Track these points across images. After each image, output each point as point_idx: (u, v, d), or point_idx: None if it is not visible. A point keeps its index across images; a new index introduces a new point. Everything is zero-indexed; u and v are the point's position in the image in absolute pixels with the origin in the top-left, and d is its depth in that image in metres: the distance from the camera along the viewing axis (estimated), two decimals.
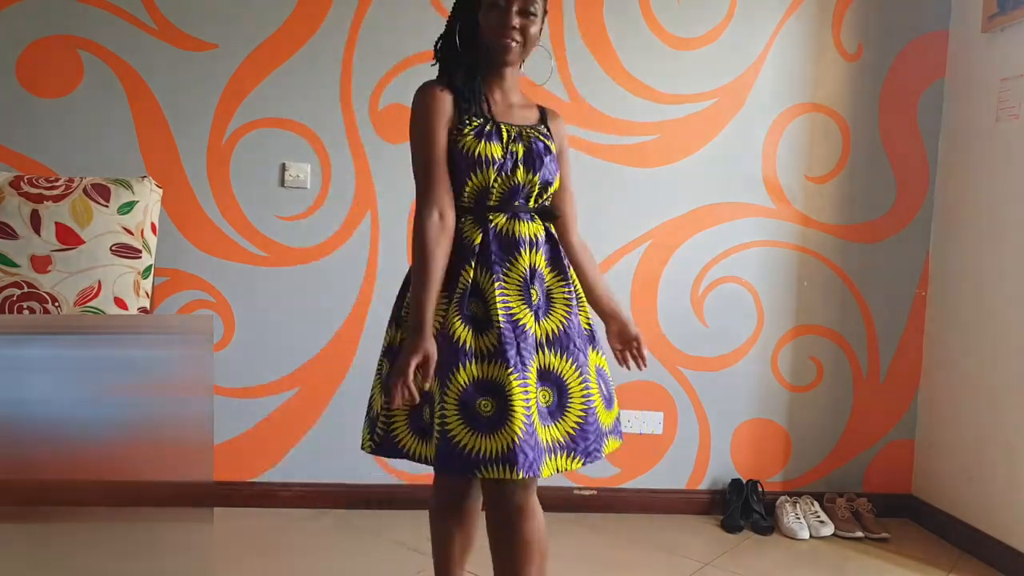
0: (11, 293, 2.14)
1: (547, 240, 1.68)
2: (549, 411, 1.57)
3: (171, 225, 2.64)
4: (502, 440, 1.47)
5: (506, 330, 1.54)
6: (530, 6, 1.60)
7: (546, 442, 1.53)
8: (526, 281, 1.60)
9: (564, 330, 1.62)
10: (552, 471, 1.54)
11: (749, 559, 2.54)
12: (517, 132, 1.65)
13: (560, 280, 1.67)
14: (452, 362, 1.53)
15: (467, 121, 1.61)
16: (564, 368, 1.60)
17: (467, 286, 1.58)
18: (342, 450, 2.77)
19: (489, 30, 1.62)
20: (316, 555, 2.41)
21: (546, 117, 1.75)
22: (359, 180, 2.72)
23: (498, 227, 1.62)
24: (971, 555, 2.63)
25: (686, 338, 2.88)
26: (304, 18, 2.66)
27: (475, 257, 1.60)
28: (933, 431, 2.90)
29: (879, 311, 2.94)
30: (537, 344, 1.58)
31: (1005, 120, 2.60)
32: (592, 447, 1.59)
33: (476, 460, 1.48)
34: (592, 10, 2.76)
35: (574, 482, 2.87)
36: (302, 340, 2.73)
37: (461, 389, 1.51)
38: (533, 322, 1.58)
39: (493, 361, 1.52)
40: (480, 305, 1.58)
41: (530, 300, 1.59)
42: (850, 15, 2.85)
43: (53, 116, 2.58)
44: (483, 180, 1.60)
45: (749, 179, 2.86)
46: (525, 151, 1.63)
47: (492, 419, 1.49)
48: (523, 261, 1.61)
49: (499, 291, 1.57)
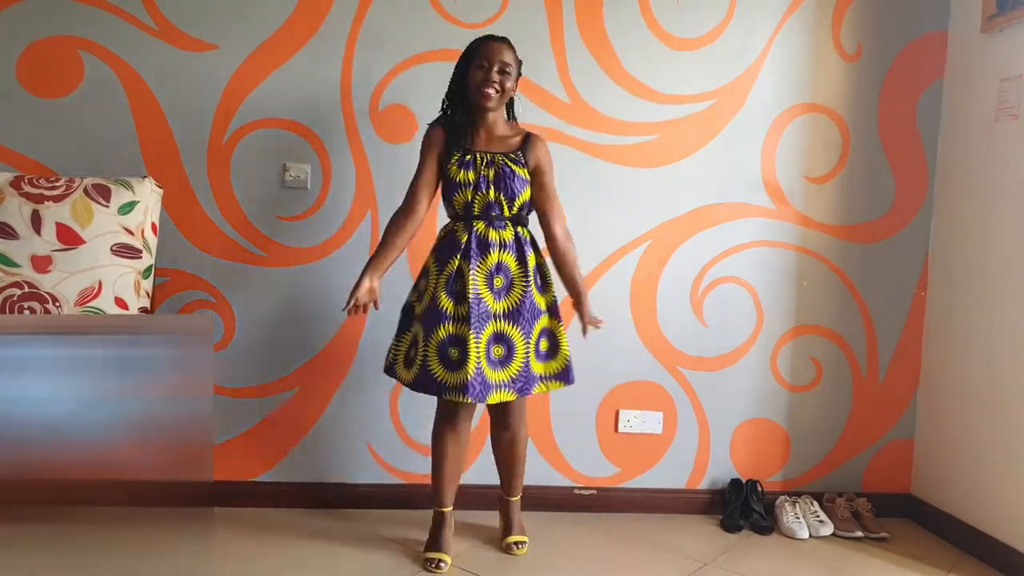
0: (12, 293, 2.14)
1: (515, 241, 2.34)
2: (500, 361, 2.29)
3: (171, 225, 2.64)
4: (460, 376, 2.21)
5: (473, 305, 2.24)
6: (507, 67, 2.29)
7: (496, 381, 2.26)
8: (491, 272, 2.29)
9: (517, 308, 2.31)
10: (496, 400, 2.27)
11: (748, 559, 2.54)
12: (491, 159, 2.30)
13: (522, 271, 2.33)
14: (436, 321, 2.26)
15: (453, 153, 2.31)
16: (514, 333, 2.31)
17: (453, 271, 2.28)
18: (342, 450, 2.78)
19: (474, 83, 2.28)
20: (316, 555, 2.41)
21: (527, 143, 2.36)
22: (359, 180, 2.72)
23: (478, 231, 2.30)
24: (970, 555, 2.63)
25: (686, 338, 2.88)
26: (304, 18, 2.66)
27: (461, 251, 2.29)
28: (932, 431, 2.90)
29: (878, 311, 2.95)
30: (496, 316, 2.28)
31: (1004, 120, 2.60)
32: (523, 386, 2.31)
33: (444, 387, 2.24)
34: (592, 10, 2.76)
35: (574, 482, 2.87)
36: (302, 340, 2.74)
37: (440, 340, 2.25)
38: (493, 301, 2.29)
39: (463, 324, 2.24)
40: (460, 285, 2.27)
41: (492, 285, 2.29)
42: (850, 15, 2.86)
43: (53, 116, 2.59)
44: (463, 197, 2.30)
45: (749, 179, 2.86)
46: (496, 174, 2.29)
47: (456, 362, 2.23)
48: (492, 258, 2.30)
49: (472, 277, 2.26)
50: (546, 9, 2.74)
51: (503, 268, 2.31)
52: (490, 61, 2.27)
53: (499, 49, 2.29)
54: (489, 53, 2.28)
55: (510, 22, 2.72)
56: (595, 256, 2.80)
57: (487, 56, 2.28)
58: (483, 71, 2.27)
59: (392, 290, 2.75)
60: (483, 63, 2.27)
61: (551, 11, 2.74)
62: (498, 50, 2.29)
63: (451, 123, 2.33)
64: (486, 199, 2.29)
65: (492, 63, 2.27)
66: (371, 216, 2.73)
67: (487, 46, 2.30)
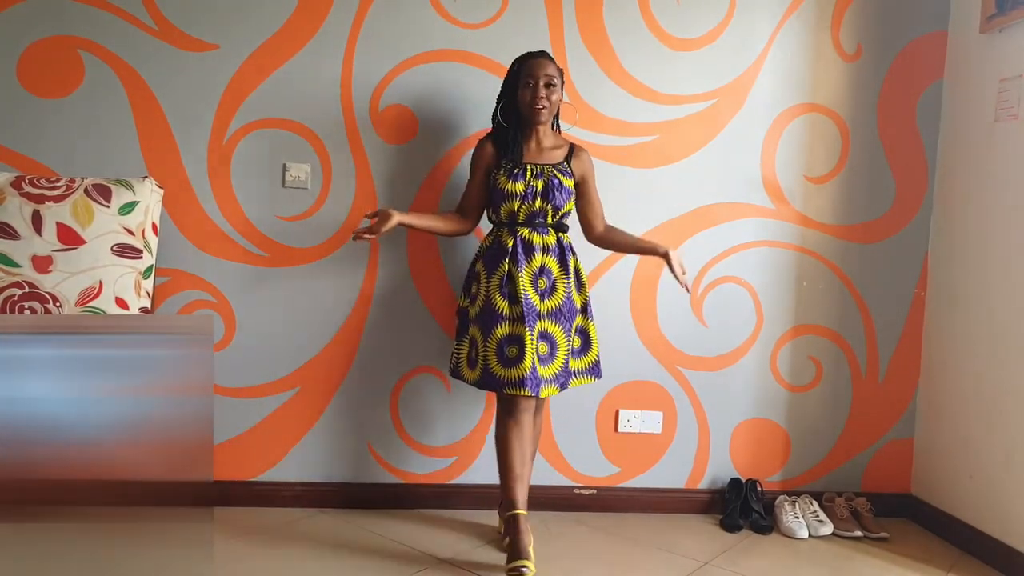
0: (12, 293, 2.14)
1: (557, 246, 2.47)
2: (543, 358, 2.39)
3: (172, 225, 2.65)
4: (519, 372, 2.33)
5: (526, 305, 2.37)
6: (552, 80, 2.41)
7: (543, 376, 2.36)
8: (536, 274, 2.42)
9: (559, 308, 2.43)
10: (546, 395, 2.37)
11: (748, 558, 2.54)
12: (539, 170, 2.43)
13: (563, 274, 2.46)
14: (493, 322, 2.38)
15: (503, 166, 2.44)
16: (556, 331, 2.42)
17: (504, 274, 2.41)
18: (342, 450, 2.78)
19: (524, 102, 2.41)
20: (316, 555, 2.41)
21: (571, 154, 2.50)
22: (359, 180, 2.73)
23: (523, 237, 2.44)
24: (970, 554, 2.63)
25: (685, 338, 2.88)
26: (304, 18, 2.66)
27: (508, 255, 2.42)
28: (932, 431, 2.90)
29: (878, 311, 2.95)
30: (541, 315, 2.40)
31: (1004, 120, 2.60)
32: (565, 381, 2.43)
33: (504, 382, 2.34)
34: (592, 11, 2.76)
35: (574, 481, 2.87)
36: (302, 340, 2.74)
37: (498, 339, 2.37)
38: (539, 301, 2.41)
39: (518, 323, 2.36)
40: (512, 287, 2.40)
41: (537, 286, 2.41)
42: (849, 16, 2.86)
43: (54, 116, 2.59)
44: (510, 207, 2.42)
45: (748, 179, 2.86)
46: (544, 185, 2.42)
47: (514, 359, 2.34)
48: (536, 261, 2.42)
49: (521, 280, 2.38)
50: (546, 9, 2.74)
51: (546, 271, 2.43)
52: (535, 78, 2.39)
53: (542, 64, 2.40)
54: (534, 71, 2.39)
55: (510, 22, 2.72)
56: (595, 256, 2.80)
57: (532, 74, 2.39)
58: (531, 89, 2.39)
59: (393, 287, 2.76)
60: (529, 81, 2.39)
61: (551, 11, 2.75)
62: (541, 65, 2.40)
63: (501, 138, 2.46)
64: (531, 208, 2.42)
65: (538, 79, 2.39)
66: None
67: (529, 64, 2.41)
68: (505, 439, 2.38)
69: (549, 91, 2.40)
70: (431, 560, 2.41)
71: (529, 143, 2.47)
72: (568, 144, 2.52)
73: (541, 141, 2.48)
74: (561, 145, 2.51)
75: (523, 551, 2.27)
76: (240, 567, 2.30)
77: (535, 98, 2.39)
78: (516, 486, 2.36)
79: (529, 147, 2.47)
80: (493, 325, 2.37)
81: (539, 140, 2.48)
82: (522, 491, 2.37)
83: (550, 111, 2.43)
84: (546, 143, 2.49)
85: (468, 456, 2.82)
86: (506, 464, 2.37)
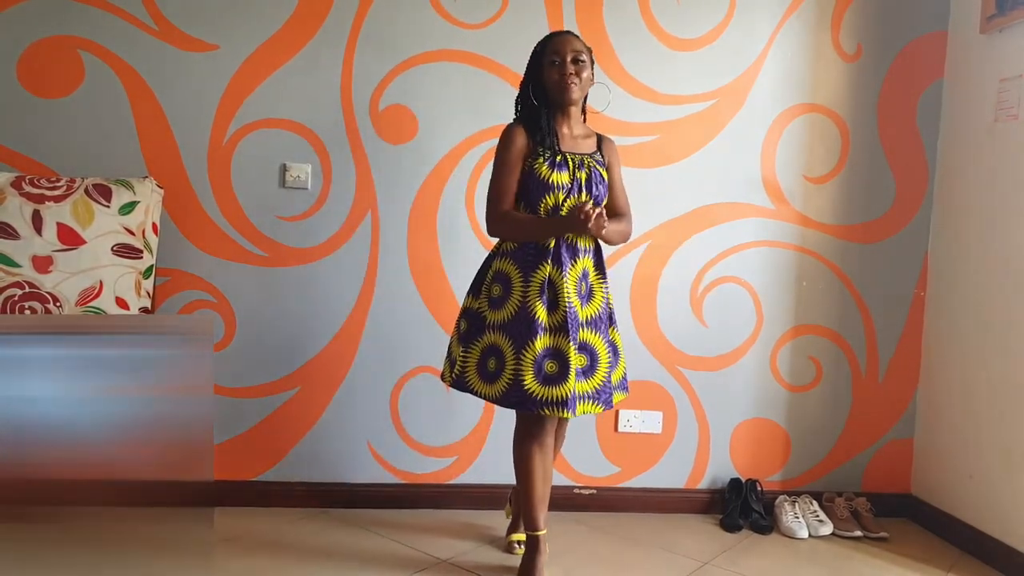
0: (13, 293, 2.14)
1: (595, 246, 2.25)
2: (583, 371, 2.15)
3: (172, 225, 2.65)
4: (561, 392, 2.09)
5: (570, 314, 2.12)
6: (580, 56, 2.18)
7: (581, 392, 2.13)
8: (580, 278, 2.19)
9: (599, 315, 2.23)
10: (583, 412, 2.14)
11: (748, 558, 2.54)
12: (580, 160, 2.20)
13: (600, 278, 2.26)
14: (530, 334, 2.11)
15: (540, 152, 2.17)
16: (596, 342, 2.20)
17: (545, 278, 2.14)
18: (342, 450, 2.78)
19: (552, 82, 2.18)
20: (316, 555, 2.41)
21: (601, 143, 2.30)
22: (359, 180, 2.73)
23: (567, 236, 2.16)
24: (970, 555, 2.63)
25: (685, 338, 2.88)
26: (304, 18, 2.66)
27: (550, 256, 2.14)
28: (932, 431, 2.90)
29: (878, 311, 2.95)
30: (581, 324, 2.16)
31: (1004, 120, 2.60)
32: (607, 398, 2.19)
33: (540, 402, 2.09)
34: (592, 10, 2.76)
35: (574, 481, 2.87)
36: (302, 340, 2.74)
37: (536, 354, 2.10)
38: (581, 308, 2.17)
39: (559, 334, 2.12)
40: (552, 292, 2.14)
41: (580, 292, 2.18)
42: (849, 16, 2.86)
43: (54, 116, 2.59)
44: (554, 200, 2.16)
45: (748, 180, 2.86)
46: (587, 177, 2.19)
47: (555, 376, 2.10)
48: (580, 264, 2.19)
49: (565, 285, 2.13)
50: (546, 9, 2.74)
51: (586, 274, 2.23)
52: (562, 55, 2.17)
53: (568, 40, 2.20)
54: (560, 47, 2.18)
55: (510, 22, 2.72)
56: None
57: (558, 51, 2.18)
58: (557, 67, 2.17)
59: (393, 287, 2.76)
60: (554, 59, 2.18)
61: (551, 11, 2.75)
62: (567, 41, 2.20)
63: (532, 123, 2.20)
64: (576, 202, 2.17)
65: (565, 56, 2.17)
66: (371, 216, 2.73)
67: (555, 41, 2.21)
68: (529, 460, 2.19)
69: (578, 67, 2.17)
70: (431, 560, 2.41)
71: (561, 129, 2.23)
72: (595, 133, 2.32)
73: (572, 128, 2.25)
74: (590, 134, 2.30)
75: (537, 571, 2.21)
76: (240, 567, 2.30)
77: (564, 75, 2.16)
78: (538, 507, 2.22)
79: (562, 134, 2.23)
80: (531, 336, 2.10)
81: (571, 126, 2.25)
82: (544, 512, 2.24)
83: (581, 88, 2.20)
84: (577, 131, 2.26)
85: (468, 456, 2.82)
86: (531, 490, 2.20)
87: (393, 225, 2.74)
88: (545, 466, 2.22)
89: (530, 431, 2.20)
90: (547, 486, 2.24)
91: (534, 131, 2.19)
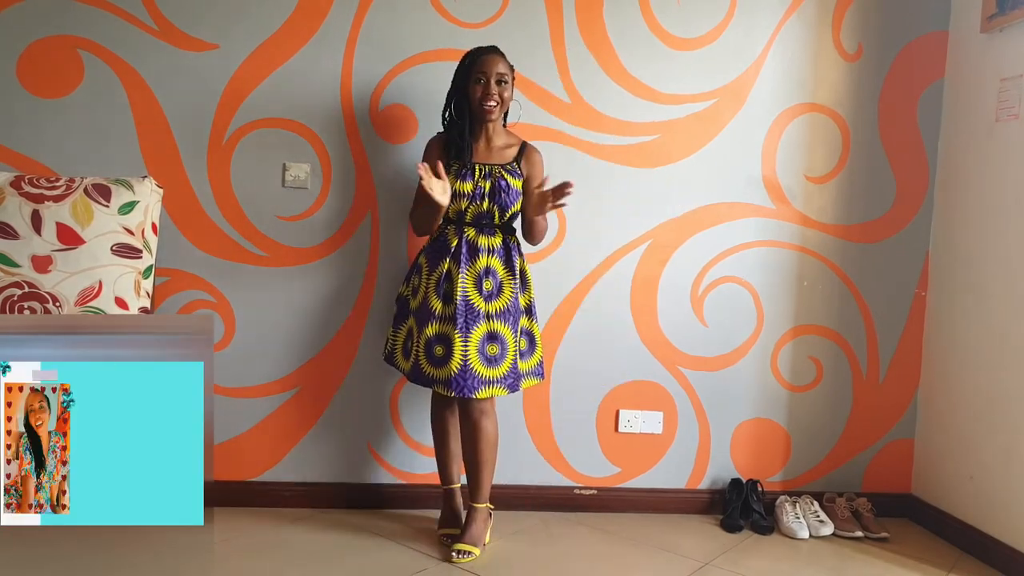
0: (12, 293, 2.14)
1: (503, 247, 2.47)
2: (495, 359, 2.39)
3: (172, 225, 2.64)
4: (446, 372, 2.35)
5: (460, 306, 2.37)
6: (504, 77, 2.40)
7: (489, 377, 2.37)
8: (480, 275, 2.41)
9: (507, 308, 2.43)
10: (487, 395, 2.37)
11: (749, 559, 2.54)
12: (488, 171, 2.42)
13: (509, 275, 2.46)
14: (426, 320, 2.41)
15: (452, 164, 2.42)
16: (506, 332, 2.42)
17: (442, 273, 2.41)
18: (342, 450, 2.78)
19: (475, 99, 2.39)
20: (316, 555, 2.41)
21: (522, 154, 2.48)
22: (359, 180, 2.72)
23: (468, 237, 2.43)
24: (970, 555, 2.63)
25: (686, 338, 2.88)
26: (304, 18, 2.66)
27: (450, 255, 2.42)
28: (933, 431, 2.90)
29: (879, 311, 2.95)
30: (489, 316, 2.40)
31: (1004, 120, 2.60)
32: (513, 383, 2.42)
33: (432, 380, 2.39)
34: (592, 10, 2.76)
35: (574, 482, 2.87)
36: (302, 340, 2.74)
37: (427, 338, 2.40)
38: (484, 303, 2.40)
39: (448, 323, 2.38)
40: (449, 286, 2.41)
41: (482, 288, 2.41)
42: (850, 15, 2.86)
43: (53, 116, 2.58)
44: (457, 206, 2.41)
45: (749, 179, 2.86)
46: (492, 186, 2.40)
47: (441, 358, 2.38)
48: (481, 262, 2.42)
49: (461, 280, 2.38)
50: (546, 9, 2.74)
51: (491, 272, 2.43)
52: (487, 75, 2.37)
53: (494, 61, 2.39)
54: (485, 67, 2.38)
55: (510, 22, 2.72)
56: (595, 256, 2.80)
57: (483, 70, 2.38)
58: (482, 85, 2.37)
59: (392, 286, 2.76)
60: (480, 77, 2.38)
61: (551, 11, 2.74)
62: (493, 62, 2.39)
63: (451, 135, 2.44)
64: (479, 209, 2.41)
65: (489, 76, 2.37)
66: (371, 216, 2.73)
67: (482, 60, 2.39)
68: (440, 424, 2.55)
69: (501, 88, 2.38)
70: (431, 560, 2.41)
71: (479, 142, 2.46)
72: (520, 142, 2.50)
73: (492, 139, 2.46)
74: (513, 144, 2.49)
75: (456, 520, 2.56)
76: (240, 567, 2.30)
77: (486, 95, 2.37)
78: (451, 463, 2.58)
79: (479, 146, 2.45)
80: (425, 323, 2.40)
81: (489, 138, 2.46)
82: (456, 468, 2.59)
83: (501, 109, 2.41)
84: (497, 142, 2.47)
85: None
86: (444, 446, 2.56)
87: (393, 225, 2.74)
88: (455, 425, 2.52)
89: (437, 401, 2.55)
90: (457, 445, 2.53)
91: (451, 143, 2.43)
